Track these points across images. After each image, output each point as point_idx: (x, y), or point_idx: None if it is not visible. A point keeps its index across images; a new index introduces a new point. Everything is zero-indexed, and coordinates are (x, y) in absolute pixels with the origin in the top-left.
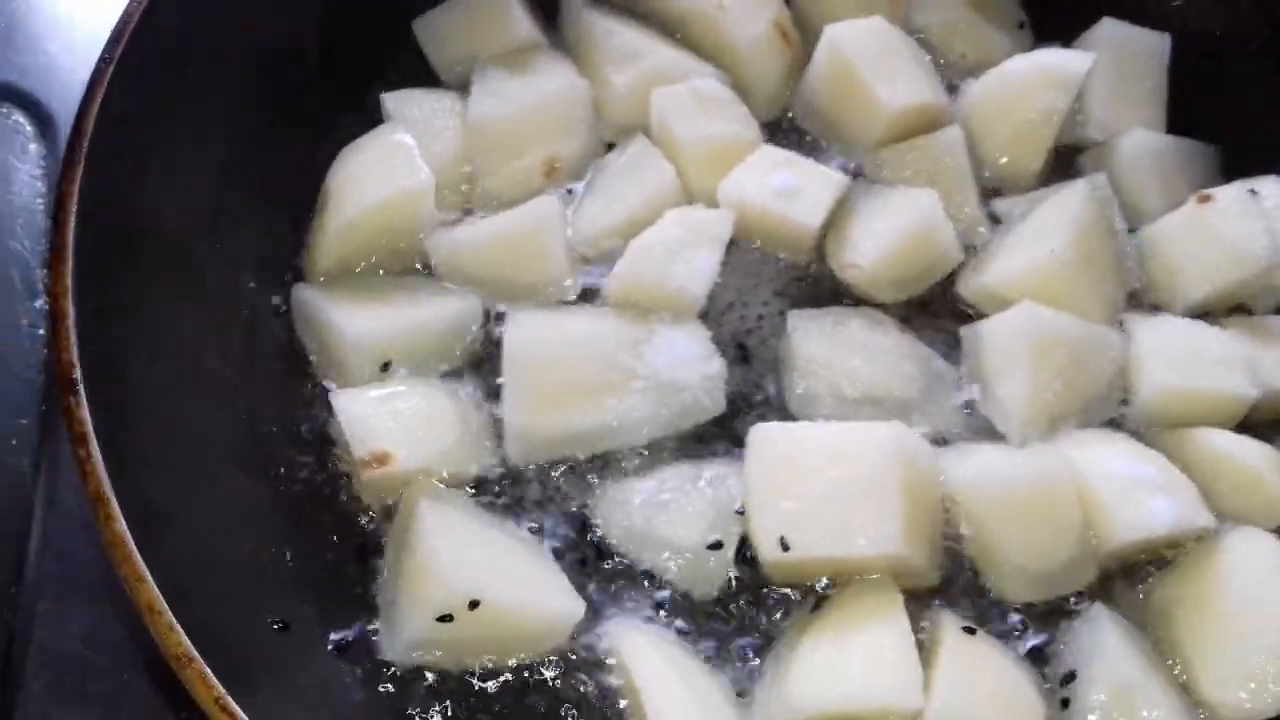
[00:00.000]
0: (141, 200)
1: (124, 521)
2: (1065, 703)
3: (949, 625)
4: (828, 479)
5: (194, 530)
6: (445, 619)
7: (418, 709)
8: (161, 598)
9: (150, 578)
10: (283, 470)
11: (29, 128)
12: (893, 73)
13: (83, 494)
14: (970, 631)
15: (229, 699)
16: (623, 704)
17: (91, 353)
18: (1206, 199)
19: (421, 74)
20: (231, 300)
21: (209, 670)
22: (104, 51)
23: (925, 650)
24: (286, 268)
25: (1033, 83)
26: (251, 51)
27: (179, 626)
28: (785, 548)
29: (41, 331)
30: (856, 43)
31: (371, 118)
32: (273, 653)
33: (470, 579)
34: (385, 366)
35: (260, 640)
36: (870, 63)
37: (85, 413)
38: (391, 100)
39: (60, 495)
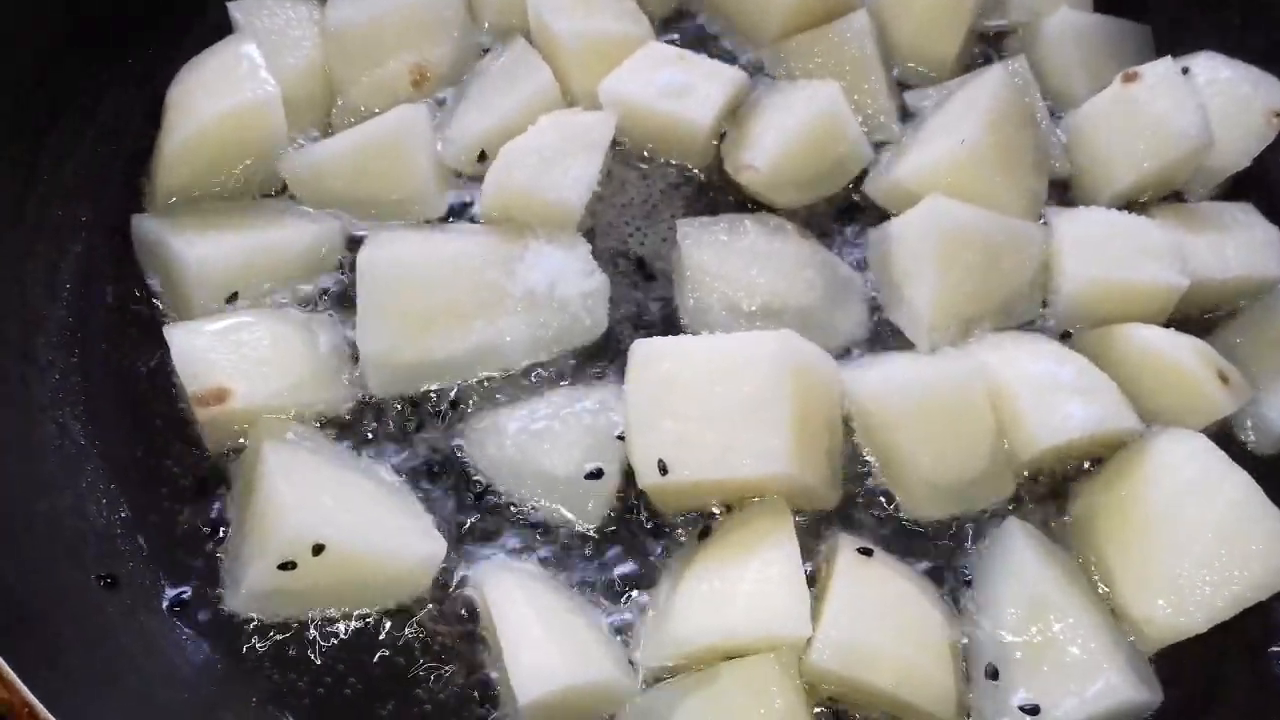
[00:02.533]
0: None
1: None
2: (979, 623)
3: (845, 548)
4: (712, 395)
5: (7, 482)
6: (288, 566)
7: (264, 666)
8: None
9: None
10: (119, 414)
11: None
12: None
13: None
14: (867, 553)
15: (9, 672)
16: (488, 650)
17: None
18: (1133, 77)
19: None
20: (62, 235)
21: None
22: None
23: (820, 575)
24: (126, 197)
25: None
26: None
27: None
28: (664, 471)
29: None
30: None
31: (221, 31)
32: (95, 612)
33: (314, 523)
34: (232, 298)
35: (81, 598)
36: None
37: None
38: (239, 9)
39: None
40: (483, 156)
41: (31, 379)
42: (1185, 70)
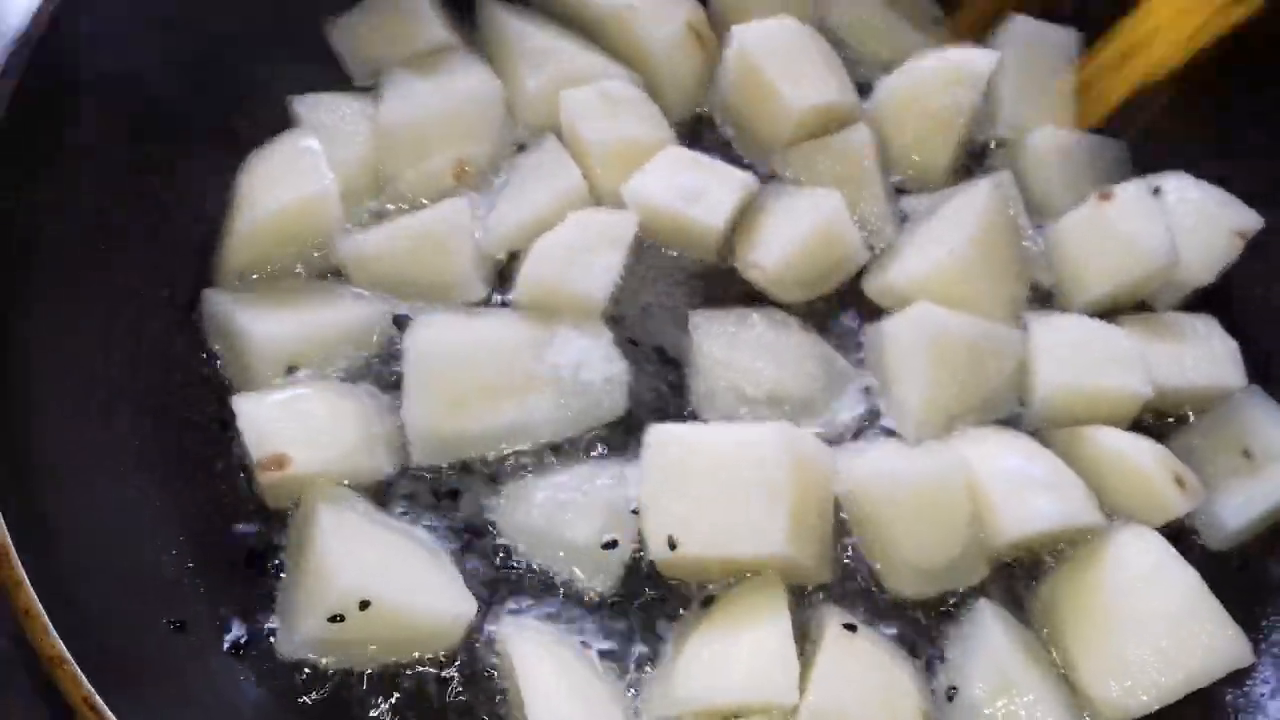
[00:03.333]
0: (43, 210)
1: (3, 527)
2: (950, 696)
3: (831, 623)
4: (717, 480)
5: (90, 535)
6: (337, 619)
7: (311, 707)
8: (38, 602)
9: (28, 582)
10: (187, 475)
11: None
12: (799, 73)
13: None
14: (851, 629)
15: (97, 698)
16: (510, 702)
17: None
18: (1107, 196)
19: (333, 78)
20: (141, 308)
21: (79, 671)
22: (4, 63)
23: (808, 645)
24: (196, 274)
25: (939, 79)
26: (159, 57)
27: (53, 630)
28: (672, 546)
29: None
30: (764, 42)
31: (283, 122)
32: (167, 653)
33: (361, 580)
34: (289, 370)
35: (154, 641)
36: (777, 63)
37: None
38: (301, 104)
39: None
40: (513, 257)
41: (113, 445)
42: (1157, 190)
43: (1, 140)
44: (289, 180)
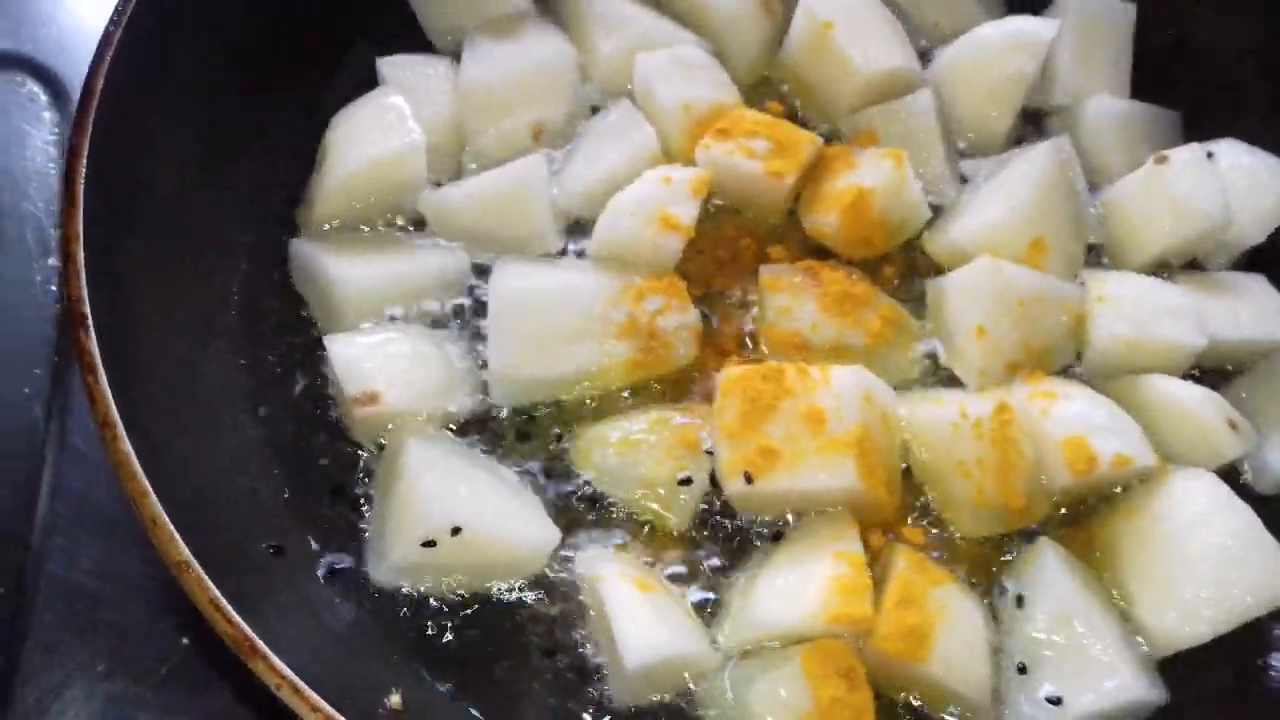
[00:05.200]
0: (145, 155)
1: (129, 443)
2: (1013, 628)
3: (901, 553)
4: (793, 419)
5: (193, 459)
6: (429, 544)
7: (402, 626)
8: (164, 511)
9: (153, 493)
10: (281, 410)
11: (43, 96)
12: (867, 38)
13: (92, 422)
14: (920, 559)
15: (223, 600)
16: (592, 621)
17: (99, 293)
18: (1163, 160)
19: (415, 41)
20: (232, 253)
21: (205, 575)
22: (111, 16)
23: (880, 576)
24: (284, 222)
25: (1001, 48)
26: (252, 16)
27: (179, 536)
28: (749, 481)
29: (54, 288)
30: (832, 9)
31: (363, 82)
32: (266, 573)
33: (453, 508)
34: (374, 315)
35: (253, 561)
36: (845, 29)
37: (94, 344)
38: (386, 65)
39: (71, 439)
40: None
41: (209, 380)
42: (1210, 155)
43: (108, 90)
44: (378, 135)
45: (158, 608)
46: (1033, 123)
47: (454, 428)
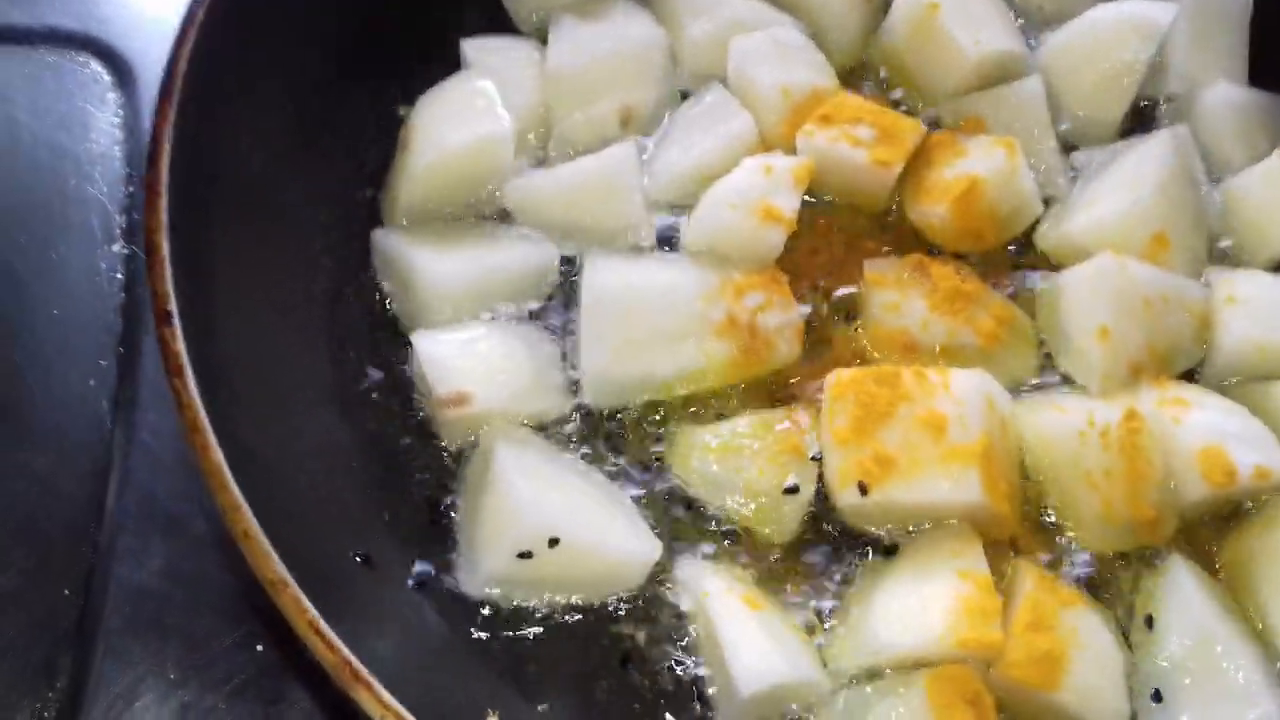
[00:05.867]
0: (228, 142)
1: (221, 452)
2: (1143, 651)
3: (1027, 570)
4: (910, 426)
5: (279, 464)
6: (525, 555)
7: (496, 642)
8: (256, 524)
9: (246, 505)
10: (365, 410)
11: (107, 77)
12: (974, 20)
13: (177, 425)
14: (1049, 578)
15: (322, 621)
16: (696, 639)
17: (182, 288)
18: None
19: (499, 22)
20: (314, 243)
21: (303, 594)
22: (188, 9)
23: (1005, 595)
24: (366, 211)
25: (1116, 32)
26: (331, 3)
27: (273, 551)
28: (864, 491)
29: (119, 276)
30: None
31: (448, 65)
32: (355, 584)
33: (550, 517)
34: (465, 309)
35: (343, 572)
36: (952, 10)
37: (181, 345)
38: (471, 48)
39: (139, 434)
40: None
41: (293, 379)
42: None
43: (191, 73)
44: (465, 121)
45: (229, 613)
46: (1140, 113)
47: (546, 430)
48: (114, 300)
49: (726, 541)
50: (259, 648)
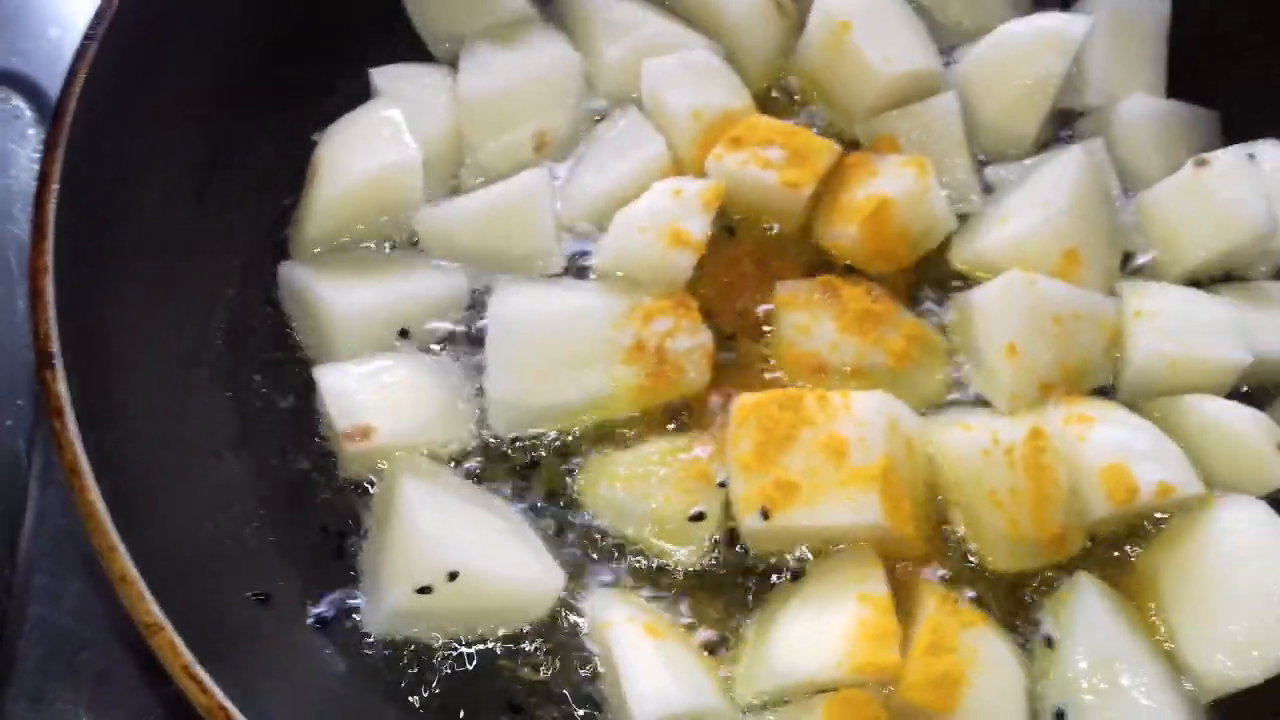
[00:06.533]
0: (125, 179)
1: (98, 492)
2: (1046, 671)
3: (929, 594)
4: (813, 450)
5: (174, 504)
6: (425, 590)
7: (399, 679)
8: (134, 568)
9: (123, 548)
10: (269, 446)
11: (28, 113)
12: (886, 39)
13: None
14: (951, 600)
15: (197, 667)
16: (601, 672)
17: (72, 329)
18: (1203, 163)
19: (414, 50)
20: (217, 278)
21: (178, 639)
22: (87, 30)
23: (907, 618)
24: (274, 244)
25: (1030, 46)
26: (239, 28)
27: (149, 595)
28: (765, 516)
29: None
30: (850, 9)
31: (362, 94)
32: (252, 625)
33: (450, 551)
34: (369, 342)
35: (239, 613)
36: (864, 29)
37: (61, 386)
38: (380, 76)
39: (56, 473)
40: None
41: (190, 414)
42: (1252, 157)
43: (84, 109)
44: (372, 150)
45: (143, 652)
46: (1061, 126)
47: (453, 462)
48: (30, 338)
49: (634, 570)
50: (172, 686)
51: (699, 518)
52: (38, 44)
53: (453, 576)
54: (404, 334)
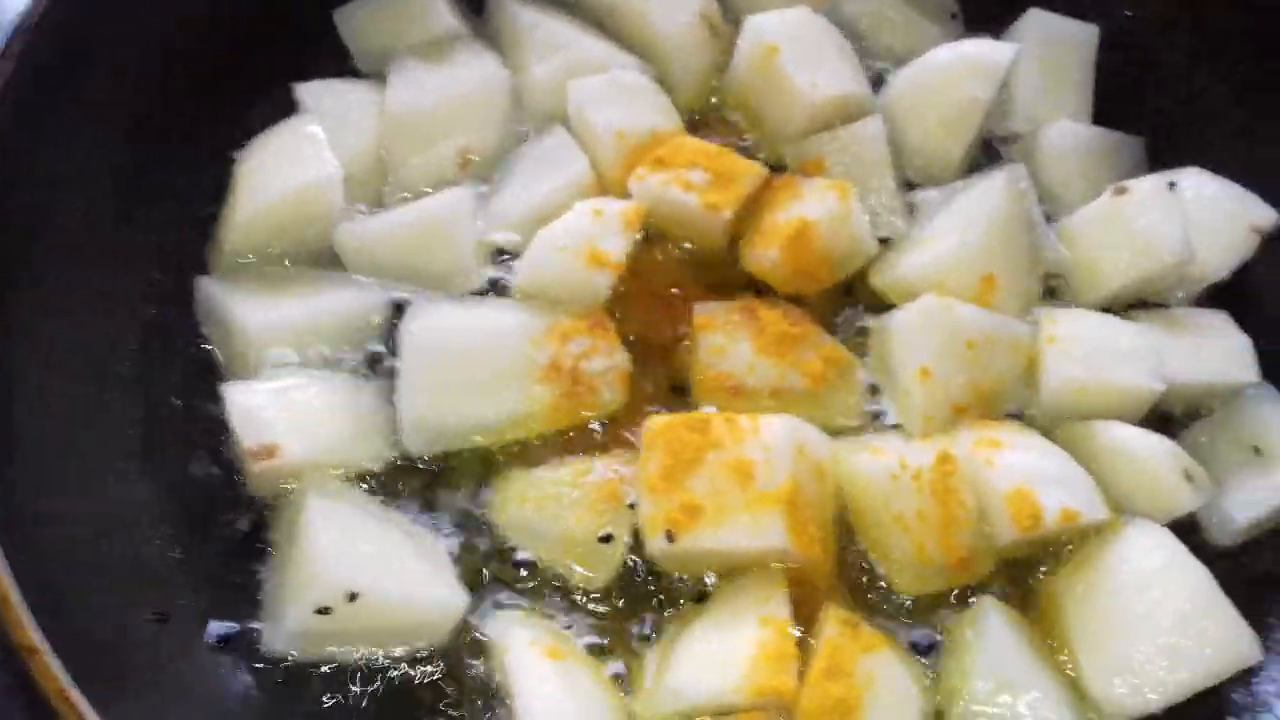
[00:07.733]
0: (40, 193)
1: None
2: (951, 694)
3: (831, 618)
4: (719, 473)
5: (73, 523)
6: (324, 611)
7: (300, 699)
8: (16, 588)
9: (7, 567)
10: (176, 464)
11: None
12: (814, 63)
13: None
14: (853, 624)
15: (73, 690)
16: (499, 693)
17: None
18: (1123, 191)
19: (343, 66)
20: (136, 295)
21: (54, 661)
22: (3, 47)
23: (810, 642)
24: (194, 259)
25: (956, 72)
26: (161, 43)
27: (29, 620)
28: (670, 539)
29: None
30: (778, 33)
31: (289, 110)
32: (150, 645)
33: (350, 572)
34: (283, 359)
35: (137, 633)
36: (792, 53)
37: None
38: (305, 91)
39: None
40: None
41: (99, 433)
42: (1173, 185)
43: (6, 120)
44: (291, 167)
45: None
46: (989, 151)
47: (365, 481)
48: None
49: (541, 592)
50: None
51: (607, 539)
52: None
53: (352, 597)
54: (319, 352)
